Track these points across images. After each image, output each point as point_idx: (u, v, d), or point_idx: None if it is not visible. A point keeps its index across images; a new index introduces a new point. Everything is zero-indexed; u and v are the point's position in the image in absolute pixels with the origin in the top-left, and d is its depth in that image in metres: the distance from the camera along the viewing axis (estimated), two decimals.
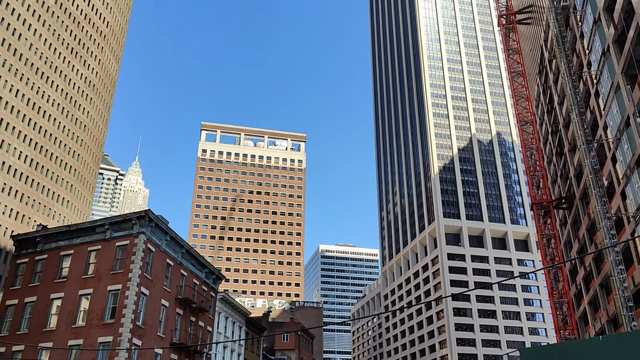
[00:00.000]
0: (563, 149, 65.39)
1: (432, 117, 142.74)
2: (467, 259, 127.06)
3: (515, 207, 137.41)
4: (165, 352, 37.38)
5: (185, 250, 41.20)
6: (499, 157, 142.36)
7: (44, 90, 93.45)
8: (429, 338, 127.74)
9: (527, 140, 76.77)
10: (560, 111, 63.27)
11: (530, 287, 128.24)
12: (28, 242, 38.90)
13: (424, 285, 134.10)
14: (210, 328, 45.69)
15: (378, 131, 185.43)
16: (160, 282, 37.74)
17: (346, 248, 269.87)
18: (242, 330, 54.68)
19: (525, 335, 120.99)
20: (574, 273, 65.89)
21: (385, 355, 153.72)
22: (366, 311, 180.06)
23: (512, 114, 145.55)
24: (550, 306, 69.07)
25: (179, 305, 40.15)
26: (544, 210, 69.98)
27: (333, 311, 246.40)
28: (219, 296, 48.47)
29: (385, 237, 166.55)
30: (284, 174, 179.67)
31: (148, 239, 36.43)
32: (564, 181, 68.04)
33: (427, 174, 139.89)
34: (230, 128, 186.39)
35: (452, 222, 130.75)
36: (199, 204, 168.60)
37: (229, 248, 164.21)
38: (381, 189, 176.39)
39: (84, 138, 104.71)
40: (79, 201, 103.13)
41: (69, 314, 34.77)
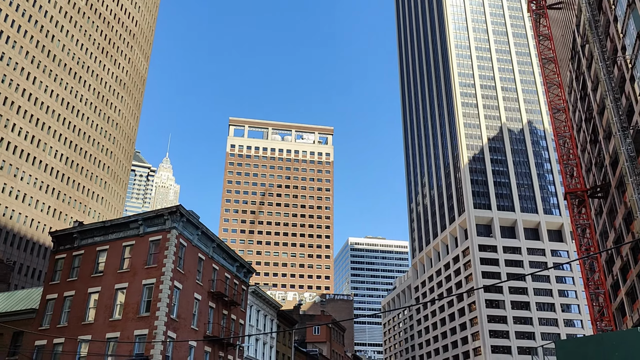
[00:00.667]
0: (597, 136, 63.70)
1: (460, 107, 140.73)
2: (498, 250, 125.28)
3: (548, 197, 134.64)
4: (199, 344, 38.09)
5: (216, 244, 41.81)
6: (531, 146, 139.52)
7: (77, 90, 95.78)
8: (461, 330, 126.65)
9: (560, 128, 75.00)
10: (594, 97, 61.59)
11: (565, 278, 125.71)
12: (65, 238, 40.06)
13: (455, 277, 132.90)
14: (242, 321, 46.32)
15: (406, 123, 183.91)
16: (193, 276, 38.42)
17: (375, 240, 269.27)
18: (274, 323, 55.26)
19: (560, 327, 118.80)
20: (610, 263, 64.30)
21: (417, 347, 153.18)
22: (397, 303, 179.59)
23: (543, 101, 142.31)
24: (586, 297, 67.62)
25: (212, 298, 40.81)
26: (579, 200, 68.36)
27: (363, 303, 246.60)
28: (250, 289, 49.06)
29: (415, 229, 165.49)
30: (312, 168, 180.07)
31: (180, 234, 37.09)
32: (599, 169, 66.31)
33: (457, 165, 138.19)
34: (258, 123, 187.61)
35: (482, 213, 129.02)
36: (229, 199, 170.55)
37: (259, 242, 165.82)
38: (410, 181, 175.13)
39: (116, 136, 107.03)
40: (113, 197, 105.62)
41: (106, 307, 35.74)
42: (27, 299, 42.04)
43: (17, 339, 37.91)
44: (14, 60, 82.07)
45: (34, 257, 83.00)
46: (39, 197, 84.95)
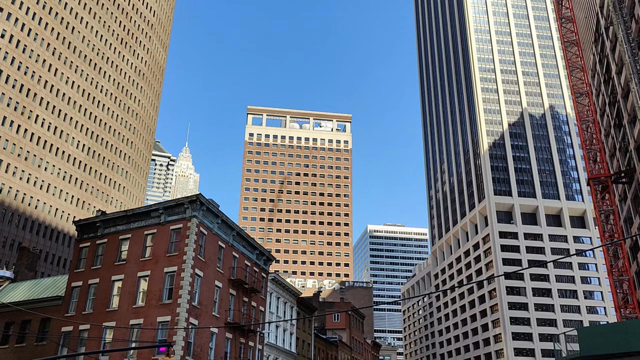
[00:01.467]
0: (622, 120, 62.33)
1: (480, 93, 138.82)
2: (519, 236, 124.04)
3: (570, 183, 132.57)
4: (221, 331, 38.61)
5: (236, 232, 42.16)
6: (552, 131, 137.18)
7: (97, 81, 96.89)
8: (482, 317, 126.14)
9: (583, 112, 73.57)
10: (619, 81, 60.18)
11: (588, 264, 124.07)
12: (89, 227, 40.79)
13: (475, 264, 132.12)
14: (263, 308, 46.78)
15: (424, 109, 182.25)
16: (213, 264, 38.85)
17: (394, 228, 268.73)
18: (294, 310, 55.71)
19: (582, 314, 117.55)
20: (634, 250, 63.22)
21: (437, 334, 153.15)
22: (416, 290, 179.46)
23: (565, 85, 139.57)
24: (610, 284, 66.69)
25: (232, 286, 41.26)
26: (602, 185, 67.19)
27: (383, 291, 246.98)
28: (270, 277, 49.47)
29: (434, 216, 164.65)
30: (330, 155, 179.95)
31: (200, 223, 37.48)
32: (623, 154, 64.98)
33: (476, 151, 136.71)
34: (276, 111, 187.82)
35: (503, 200, 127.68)
36: (248, 187, 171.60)
37: (278, 230, 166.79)
38: (429, 168, 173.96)
39: (136, 126, 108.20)
40: (134, 187, 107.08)
41: (129, 294, 36.40)
42: (53, 287, 43.02)
43: (44, 325, 38.90)
44: (36, 52, 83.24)
45: (59, 245, 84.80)
46: (62, 187, 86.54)
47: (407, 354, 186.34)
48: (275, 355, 49.14)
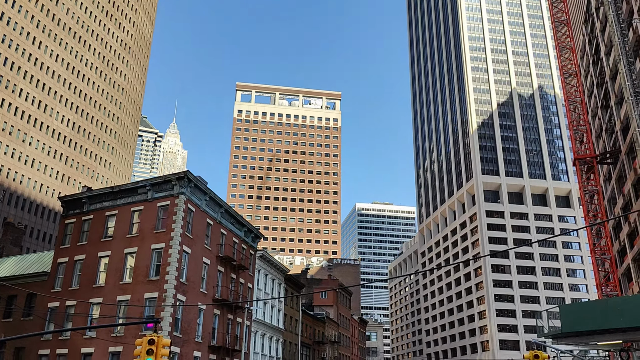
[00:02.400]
0: (609, 101, 62.68)
1: (470, 72, 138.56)
2: (506, 215, 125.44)
3: (556, 163, 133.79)
4: (209, 307, 38.81)
5: (224, 209, 42.08)
6: (541, 111, 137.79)
7: (82, 54, 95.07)
8: (467, 294, 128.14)
9: (571, 93, 73.83)
10: (607, 62, 60.32)
11: (571, 243, 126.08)
12: (75, 203, 40.45)
13: (461, 242, 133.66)
14: (251, 285, 47.02)
15: (414, 88, 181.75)
16: (201, 241, 38.84)
17: (383, 206, 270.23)
18: (282, 286, 56.10)
19: (565, 292, 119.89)
20: (617, 229, 64.28)
21: (423, 310, 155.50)
22: (403, 268, 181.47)
23: (555, 66, 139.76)
24: (592, 263, 67.90)
25: (220, 263, 41.35)
26: (587, 166, 67.85)
27: (370, 268, 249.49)
28: (258, 254, 49.62)
29: (422, 195, 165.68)
30: (320, 133, 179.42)
31: (188, 199, 37.31)
32: (609, 135, 65.56)
33: (465, 131, 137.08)
34: (265, 88, 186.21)
35: (490, 179, 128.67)
36: (236, 164, 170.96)
37: (267, 207, 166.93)
38: (418, 147, 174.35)
39: (122, 101, 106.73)
40: (120, 163, 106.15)
41: (116, 271, 36.35)
42: (39, 262, 42.81)
43: (30, 300, 38.81)
44: (20, 25, 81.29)
45: (44, 220, 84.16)
46: (47, 162, 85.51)
47: (394, 330, 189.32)
48: (262, 331, 49.61)
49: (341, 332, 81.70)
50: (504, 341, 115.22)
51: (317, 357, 68.29)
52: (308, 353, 64.84)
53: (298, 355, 60.12)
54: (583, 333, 21.50)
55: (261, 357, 48.73)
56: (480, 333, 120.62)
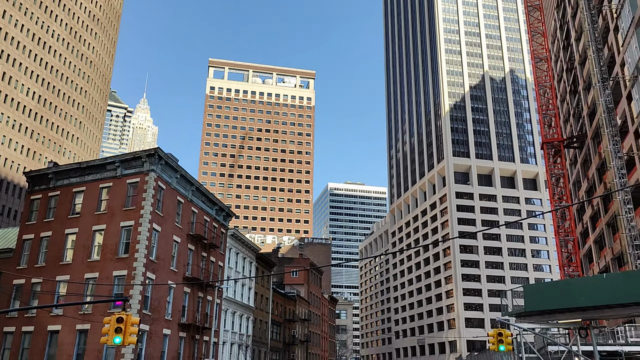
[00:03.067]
0: (577, 87, 63.96)
1: (444, 54, 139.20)
2: (475, 197, 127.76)
3: (525, 146, 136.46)
4: (179, 285, 38.63)
5: (195, 187, 41.65)
6: (511, 95, 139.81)
7: (49, 25, 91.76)
8: (435, 274, 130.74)
9: (541, 77, 74.98)
10: (577, 47, 61.36)
11: (537, 225, 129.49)
12: (41, 178, 39.44)
13: (431, 222, 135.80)
14: (222, 263, 46.94)
15: (389, 69, 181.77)
16: (172, 219, 38.45)
17: (355, 186, 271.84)
18: (253, 265, 56.18)
19: (529, 272, 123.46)
20: (581, 212, 66.26)
21: (392, 289, 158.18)
22: (374, 248, 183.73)
23: (526, 50, 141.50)
24: (556, 244, 69.96)
25: (191, 241, 41.08)
26: (555, 150, 69.41)
27: (341, 247, 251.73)
28: (229, 232, 49.46)
29: (394, 176, 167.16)
30: (293, 112, 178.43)
31: (158, 177, 36.76)
32: (577, 120, 67.07)
33: (438, 112, 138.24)
34: (238, 65, 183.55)
35: (461, 161, 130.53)
36: (208, 142, 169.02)
37: (239, 185, 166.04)
38: (391, 127, 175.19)
39: (90, 74, 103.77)
40: (88, 138, 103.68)
41: (84, 248, 35.75)
42: (3, 239, 41.77)
43: None
44: None
45: (9, 196, 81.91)
46: (12, 136, 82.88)
47: (363, 308, 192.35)
48: (233, 309, 49.75)
49: (312, 310, 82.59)
50: (469, 319, 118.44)
51: (287, 334, 69.00)
52: (278, 330, 65.43)
53: (268, 332, 60.61)
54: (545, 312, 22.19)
55: (231, 334, 48.97)
56: (447, 311, 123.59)
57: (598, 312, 21.15)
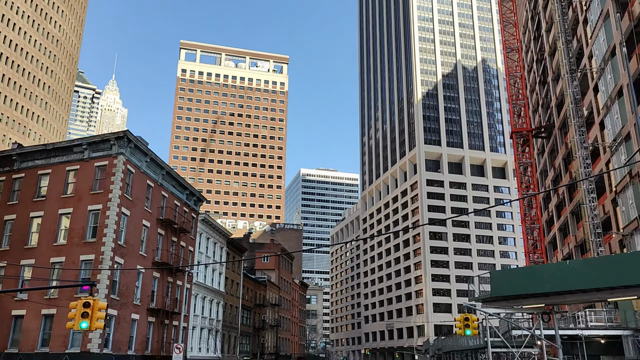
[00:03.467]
0: (547, 77, 65.15)
1: (417, 42, 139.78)
2: (445, 185, 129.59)
3: (495, 135, 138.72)
4: (148, 270, 38.19)
5: (165, 171, 41.03)
6: (483, 84, 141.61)
7: (13, 1, 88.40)
8: (405, 260, 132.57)
9: (512, 67, 76.11)
10: (547, 39, 62.37)
11: (504, 212, 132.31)
12: (4, 160, 38.24)
13: (402, 209, 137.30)
14: (192, 248, 46.55)
15: (362, 56, 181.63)
16: (141, 203, 37.84)
17: (327, 172, 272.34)
18: (224, 250, 55.92)
19: (496, 258, 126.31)
20: (547, 200, 67.95)
21: (362, 275, 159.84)
22: (345, 234, 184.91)
23: (498, 40, 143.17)
24: (522, 231, 71.67)
25: (161, 225, 40.56)
26: (523, 139, 70.81)
27: (313, 233, 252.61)
28: (200, 217, 49.03)
29: (366, 162, 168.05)
30: (266, 97, 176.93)
31: (127, 160, 36.04)
32: (545, 110, 68.43)
33: (410, 100, 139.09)
34: (211, 47, 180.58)
35: (432, 149, 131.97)
36: (179, 125, 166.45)
37: (210, 170, 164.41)
38: (364, 114, 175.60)
39: (56, 53, 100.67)
40: (55, 119, 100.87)
41: (49, 232, 34.94)
42: None
43: None
44: None
45: None
46: None
47: (333, 293, 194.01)
48: (203, 294, 49.52)
49: (282, 295, 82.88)
50: (437, 304, 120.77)
51: (257, 319, 69.15)
52: (249, 315, 65.51)
53: (239, 317, 60.63)
54: (510, 297, 22.73)
55: (201, 319, 48.80)
56: (416, 297, 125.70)
57: (560, 298, 21.80)
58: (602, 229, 43.73)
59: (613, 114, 42.49)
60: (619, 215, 42.93)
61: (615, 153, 42.35)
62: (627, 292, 20.15)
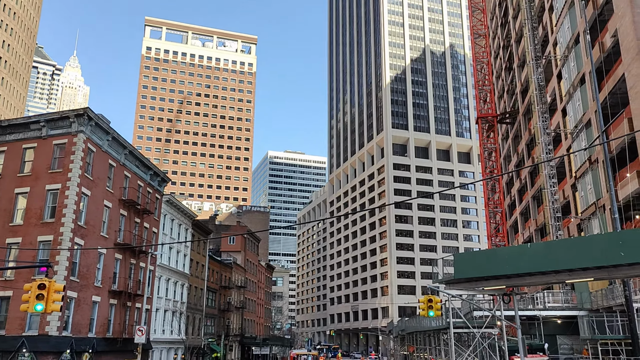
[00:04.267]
0: (512, 64, 66.06)
1: (387, 25, 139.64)
2: (412, 169, 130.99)
3: (461, 121, 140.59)
4: (110, 252, 37.32)
5: (128, 151, 39.92)
6: (450, 69, 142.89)
7: None
8: (371, 243, 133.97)
9: (479, 53, 76.88)
10: (514, 25, 63.12)
11: (469, 197, 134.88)
12: None
13: (369, 192, 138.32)
14: (156, 230, 45.70)
15: (332, 39, 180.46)
16: (103, 183, 36.77)
17: (295, 155, 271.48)
18: (188, 232, 55.17)
19: (460, 242, 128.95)
20: (510, 185, 69.41)
21: (329, 257, 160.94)
22: (312, 216, 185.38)
23: (466, 26, 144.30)
24: (486, 215, 73.16)
25: (123, 206, 39.58)
26: (489, 124, 71.89)
27: (280, 216, 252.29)
28: (164, 198, 48.10)
29: (334, 146, 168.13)
30: (234, 77, 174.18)
31: (88, 138, 34.84)
32: (510, 96, 69.53)
33: (379, 84, 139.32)
34: (177, 25, 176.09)
35: (400, 133, 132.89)
36: (144, 105, 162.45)
37: (176, 151, 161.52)
38: (332, 97, 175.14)
39: (13, 26, 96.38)
40: (12, 96, 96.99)
41: (5, 212, 33.64)
42: None
43: None
44: None
45: None
46: None
47: (299, 275, 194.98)
48: (167, 276, 48.85)
49: (248, 277, 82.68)
50: (402, 286, 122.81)
51: (223, 301, 68.85)
52: (214, 297, 65.12)
53: (204, 299, 60.19)
54: (473, 279, 23.08)
55: (165, 301, 48.19)
56: (381, 279, 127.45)
57: (520, 280, 22.25)
58: (561, 213, 44.93)
59: (575, 100, 43.44)
60: (578, 200, 44.20)
61: (576, 139, 43.41)
62: (584, 274, 20.71)
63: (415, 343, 59.80)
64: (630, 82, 34.84)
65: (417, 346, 58.16)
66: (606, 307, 34.16)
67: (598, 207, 39.65)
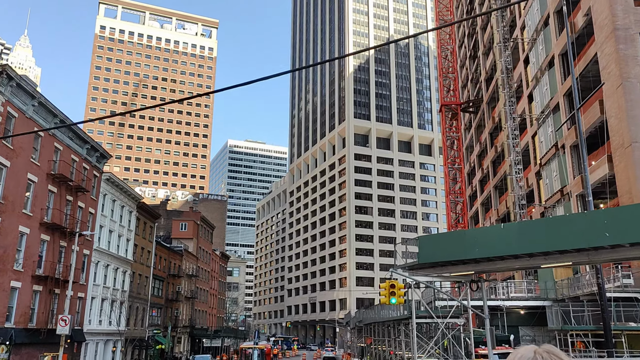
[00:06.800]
0: (477, 52, 64.65)
1: (351, 14, 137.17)
2: (373, 160, 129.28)
3: (423, 112, 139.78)
4: (34, 232, 33.21)
5: (59, 120, 35.72)
6: (414, 61, 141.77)
7: None
8: (330, 234, 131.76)
9: (444, 40, 75.26)
10: (480, 11, 61.45)
11: (429, 189, 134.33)
12: None
13: (329, 183, 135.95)
14: (93, 210, 41.60)
15: (295, 25, 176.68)
16: (27, 154, 32.55)
17: (255, 144, 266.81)
18: (133, 215, 51.09)
19: (419, 233, 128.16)
20: (471, 175, 68.16)
21: (287, 248, 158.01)
22: (272, 207, 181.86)
23: (431, 18, 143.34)
24: (447, 205, 71.76)
25: (52, 182, 35.42)
26: (452, 113, 70.40)
27: (239, 206, 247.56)
28: (104, 177, 43.96)
29: (295, 135, 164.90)
30: (193, 62, 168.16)
31: (8, 101, 30.59)
32: (474, 85, 68.20)
33: (342, 73, 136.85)
34: (133, 4, 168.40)
35: (362, 123, 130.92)
36: (97, 87, 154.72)
37: (130, 136, 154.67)
38: (294, 86, 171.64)
39: None
40: None
41: None
42: None
43: None
44: None
45: None
46: None
47: (257, 266, 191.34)
48: (106, 262, 44.81)
49: (200, 265, 78.87)
50: (360, 278, 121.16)
51: (171, 290, 64.98)
52: (161, 286, 61.20)
53: (149, 287, 56.26)
54: (438, 264, 20.66)
55: (103, 289, 44.17)
56: (339, 270, 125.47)
57: (491, 264, 19.94)
58: (526, 201, 43.45)
59: (542, 85, 41.86)
60: (542, 188, 42.77)
61: (542, 125, 41.88)
62: (561, 257, 18.49)
63: (373, 335, 57.67)
64: (602, 62, 33.21)
65: (375, 338, 56.01)
66: (572, 296, 32.57)
67: (563, 195, 38.17)
